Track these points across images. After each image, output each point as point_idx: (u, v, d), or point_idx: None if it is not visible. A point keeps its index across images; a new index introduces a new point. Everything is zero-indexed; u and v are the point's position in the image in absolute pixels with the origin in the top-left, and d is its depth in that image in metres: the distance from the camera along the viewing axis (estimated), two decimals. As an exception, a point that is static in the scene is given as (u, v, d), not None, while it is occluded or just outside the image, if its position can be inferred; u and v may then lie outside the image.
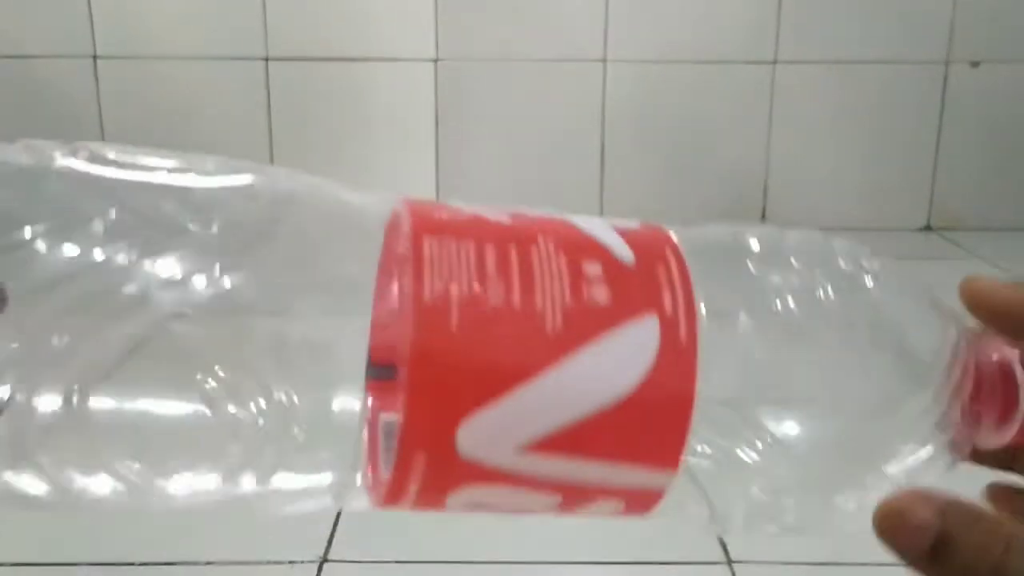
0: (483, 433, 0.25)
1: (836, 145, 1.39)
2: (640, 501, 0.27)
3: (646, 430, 0.27)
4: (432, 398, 0.25)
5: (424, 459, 0.25)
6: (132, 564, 0.62)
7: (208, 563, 0.62)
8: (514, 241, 0.26)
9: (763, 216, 1.40)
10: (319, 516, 0.68)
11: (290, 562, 0.62)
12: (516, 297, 0.26)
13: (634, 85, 1.37)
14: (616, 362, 0.26)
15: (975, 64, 1.36)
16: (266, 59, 1.34)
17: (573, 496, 0.26)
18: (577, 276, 0.26)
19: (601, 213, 1.39)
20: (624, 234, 0.28)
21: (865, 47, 1.36)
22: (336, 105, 1.37)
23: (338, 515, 0.68)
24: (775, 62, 1.35)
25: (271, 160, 1.38)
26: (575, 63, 1.36)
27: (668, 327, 0.26)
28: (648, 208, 1.37)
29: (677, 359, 0.26)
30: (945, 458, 0.26)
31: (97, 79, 1.34)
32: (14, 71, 1.34)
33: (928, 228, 1.41)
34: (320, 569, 0.62)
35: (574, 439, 0.26)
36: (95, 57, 1.34)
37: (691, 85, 1.37)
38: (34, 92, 1.35)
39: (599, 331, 0.26)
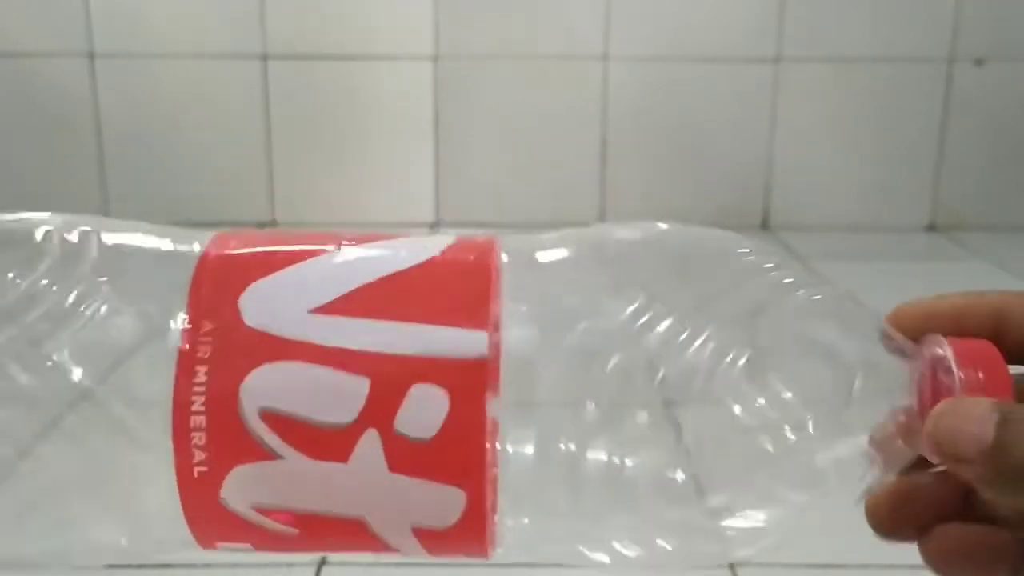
0: (266, 297, 0.23)
1: (839, 143, 1.38)
2: (466, 384, 0.23)
3: (448, 287, 0.24)
4: (214, 275, 0.24)
5: (210, 328, 0.23)
6: (129, 566, 0.61)
7: (206, 565, 0.61)
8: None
9: (765, 215, 1.40)
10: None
11: (288, 564, 0.62)
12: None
13: (636, 82, 1.36)
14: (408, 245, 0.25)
15: (979, 62, 1.35)
16: (264, 57, 1.34)
17: (385, 375, 0.23)
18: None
19: (602, 210, 1.38)
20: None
21: (868, 45, 1.35)
22: (335, 103, 1.36)
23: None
24: (778, 60, 1.35)
25: (270, 159, 1.37)
26: (576, 60, 1.35)
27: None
28: (649, 207, 1.36)
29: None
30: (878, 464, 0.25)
31: (94, 77, 1.34)
32: (9, 69, 1.34)
33: (932, 228, 1.40)
34: (319, 571, 0.61)
35: (366, 299, 0.24)
36: (92, 55, 1.33)
37: (693, 83, 1.36)
38: (30, 90, 1.35)
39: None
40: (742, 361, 0.24)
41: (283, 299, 0.24)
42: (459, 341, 0.23)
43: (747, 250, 0.26)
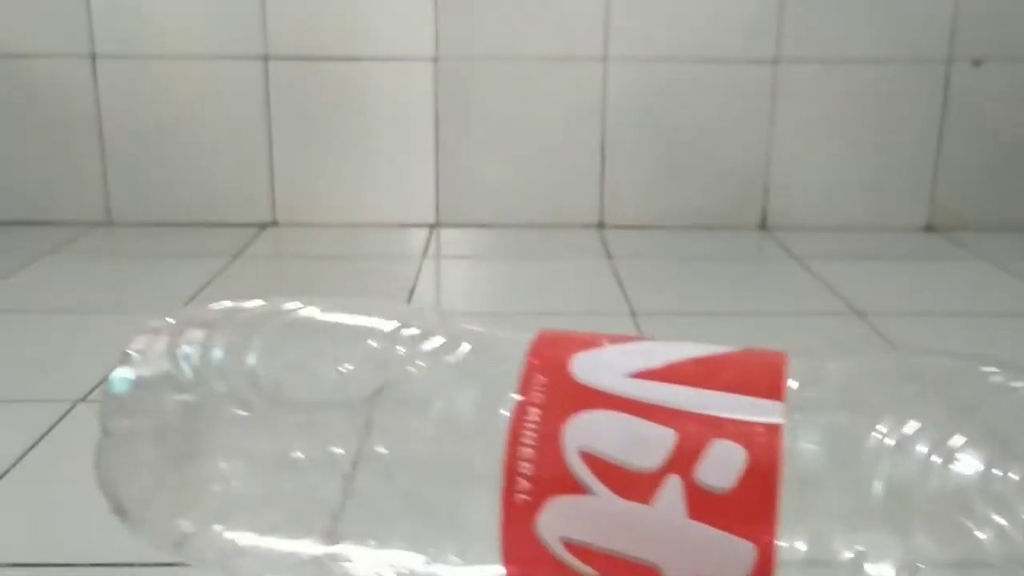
0: (592, 362, 0.28)
1: (837, 144, 1.39)
2: (763, 444, 0.26)
3: (747, 368, 0.28)
4: (548, 347, 0.29)
5: (544, 381, 0.27)
6: (132, 565, 0.61)
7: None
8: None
9: (763, 215, 1.40)
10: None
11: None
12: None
13: (635, 83, 1.36)
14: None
15: (977, 63, 1.36)
16: (265, 58, 1.34)
17: (689, 429, 0.26)
18: None
19: (602, 210, 1.39)
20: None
21: (866, 46, 1.35)
22: (335, 104, 1.36)
23: (339, 515, 0.67)
24: (777, 60, 1.35)
25: (271, 160, 1.37)
26: (576, 61, 1.35)
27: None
28: (649, 207, 1.37)
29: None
30: None
31: (96, 78, 1.34)
32: (10, 70, 1.34)
33: (930, 228, 1.41)
34: (321, 570, 0.62)
35: (675, 371, 0.28)
36: (93, 56, 1.33)
37: (692, 84, 1.36)
38: (31, 92, 1.35)
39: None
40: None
41: (606, 364, 0.28)
42: (758, 407, 0.26)
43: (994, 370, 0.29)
